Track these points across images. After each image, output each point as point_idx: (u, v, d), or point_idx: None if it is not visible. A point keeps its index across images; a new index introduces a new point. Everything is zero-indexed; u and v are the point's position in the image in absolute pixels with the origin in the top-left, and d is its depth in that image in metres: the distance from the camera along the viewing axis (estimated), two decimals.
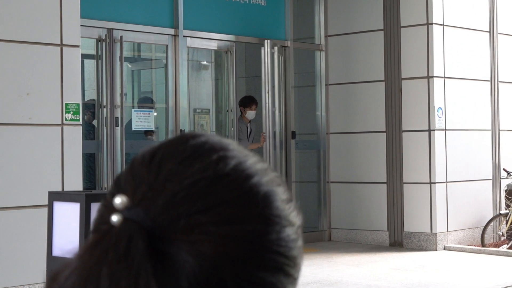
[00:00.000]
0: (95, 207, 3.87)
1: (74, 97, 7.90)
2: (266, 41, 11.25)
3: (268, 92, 11.21)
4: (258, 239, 0.89)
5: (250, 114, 11.24)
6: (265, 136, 11.23)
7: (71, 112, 7.84)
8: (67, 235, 3.90)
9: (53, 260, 3.93)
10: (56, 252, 3.94)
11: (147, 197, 0.88)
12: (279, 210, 0.91)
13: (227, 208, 0.88)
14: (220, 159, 0.91)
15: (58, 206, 3.92)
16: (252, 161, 0.93)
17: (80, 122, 7.95)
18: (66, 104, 7.82)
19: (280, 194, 0.93)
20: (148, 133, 10.78)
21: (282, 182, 0.95)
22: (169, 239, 0.87)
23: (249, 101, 11.26)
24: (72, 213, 3.84)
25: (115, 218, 0.87)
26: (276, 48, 11.36)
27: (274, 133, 11.38)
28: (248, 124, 11.30)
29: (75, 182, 7.76)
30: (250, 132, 11.33)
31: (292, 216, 0.93)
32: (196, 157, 0.91)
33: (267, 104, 11.24)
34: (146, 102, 12.27)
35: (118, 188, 0.92)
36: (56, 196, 3.98)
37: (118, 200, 0.88)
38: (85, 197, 3.79)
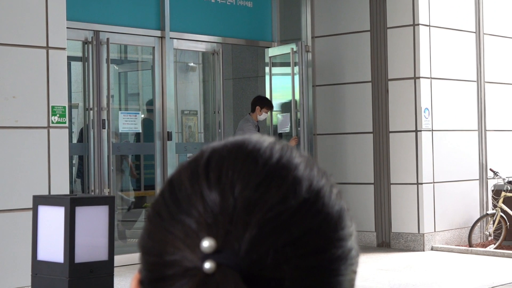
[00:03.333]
0: (79, 211, 3.86)
1: (61, 100, 7.89)
2: (301, 41, 11.30)
3: (302, 93, 11.24)
4: (338, 264, 0.87)
5: (264, 116, 11.18)
6: (297, 139, 11.21)
7: (58, 115, 7.82)
8: (52, 239, 3.88)
9: (38, 264, 3.91)
10: (41, 256, 3.92)
11: (232, 234, 0.84)
12: (348, 227, 0.90)
13: (311, 237, 0.85)
14: (295, 181, 0.87)
15: (43, 210, 3.91)
16: (316, 173, 0.90)
17: (67, 124, 7.93)
18: (53, 107, 7.80)
19: (345, 206, 0.91)
20: None
21: (338, 187, 0.92)
22: (256, 277, 0.83)
23: (269, 104, 11.17)
24: (57, 217, 3.83)
25: (208, 265, 0.82)
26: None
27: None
28: (257, 123, 11.22)
29: (62, 185, 7.74)
30: (258, 132, 11.28)
31: (354, 226, 0.91)
32: (270, 180, 0.86)
33: (303, 105, 11.24)
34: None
35: (178, 207, 0.87)
36: (40, 200, 3.96)
37: (206, 244, 0.83)
38: (70, 201, 3.78)
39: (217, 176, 0.86)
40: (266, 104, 11.09)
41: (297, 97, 11.39)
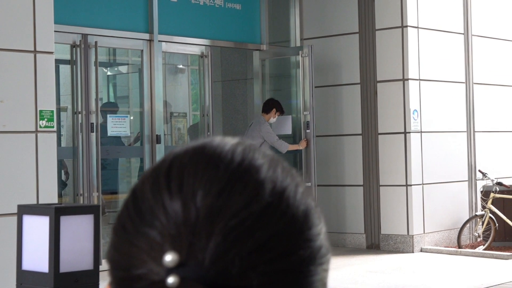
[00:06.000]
0: (64, 221, 3.86)
1: (48, 104, 7.86)
2: (310, 45, 11.28)
3: (313, 95, 11.25)
4: (307, 266, 0.85)
5: (275, 119, 11.19)
6: (306, 141, 11.20)
7: (45, 119, 7.80)
8: (37, 249, 3.88)
9: (23, 273, 3.91)
10: (26, 266, 3.92)
11: (195, 246, 0.82)
12: (316, 225, 0.87)
13: (276, 241, 0.83)
14: (257, 185, 0.85)
15: (28, 220, 3.91)
16: (280, 173, 0.87)
17: (55, 128, 7.91)
18: (40, 111, 7.77)
19: (312, 205, 0.88)
20: None
21: (304, 185, 0.89)
22: (222, 287, 0.81)
23: (282, 108, 11.18)
24: (42, 226, 3.83)
25: (171, 280, 0.80)
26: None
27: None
28: None
29: (50, 189, 7.72)
30: None
31: (323, 223, 0.89)
32: (232, 186, 0.84)
33: (313, 107, 11.23)
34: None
35: (142, 219, 0.85)
36: (25, 209, 3.95)
37: (169, 258, 0.81)
38: (54, 211, 3.78)
39: (178, 184, 0.84)
40: (281, 108, 11.13)
41: (306, 99, 11.35)
